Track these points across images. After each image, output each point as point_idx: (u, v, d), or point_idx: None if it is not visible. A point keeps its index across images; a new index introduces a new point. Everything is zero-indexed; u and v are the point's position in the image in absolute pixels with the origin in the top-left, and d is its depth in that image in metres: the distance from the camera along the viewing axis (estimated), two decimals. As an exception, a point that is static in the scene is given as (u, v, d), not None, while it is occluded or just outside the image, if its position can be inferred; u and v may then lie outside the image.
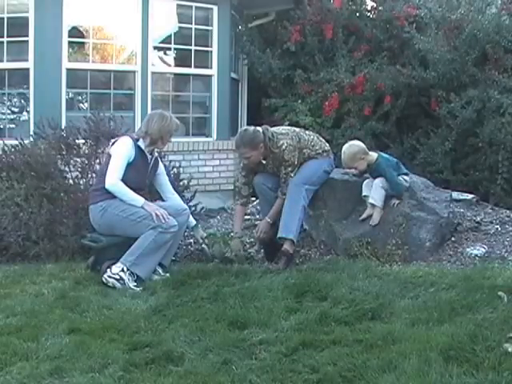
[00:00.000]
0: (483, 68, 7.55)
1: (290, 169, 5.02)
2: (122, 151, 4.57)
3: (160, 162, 4.97)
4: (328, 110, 8.06)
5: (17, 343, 3.25)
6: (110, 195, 4.51)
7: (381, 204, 5.04)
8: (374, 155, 5.12)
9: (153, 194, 4.97)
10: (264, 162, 5.11)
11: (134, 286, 4.33)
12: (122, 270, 4.34)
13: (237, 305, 3.79)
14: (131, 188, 4.54)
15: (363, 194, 5.12)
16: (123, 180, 4.51)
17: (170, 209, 4.62)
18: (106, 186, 4.49)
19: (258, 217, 6.15)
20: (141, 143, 4.66)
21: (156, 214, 4.44)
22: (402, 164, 5.30)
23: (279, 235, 4.93)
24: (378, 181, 5.04)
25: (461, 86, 7.63)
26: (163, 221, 4.45)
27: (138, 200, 4.52)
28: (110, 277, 4.33)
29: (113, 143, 4.70)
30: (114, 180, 4.49)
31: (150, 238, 4.43)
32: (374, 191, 5.03)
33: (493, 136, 7.22)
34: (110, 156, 4.61)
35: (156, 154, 4.86)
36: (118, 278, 4.32)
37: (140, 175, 4.68)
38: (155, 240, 4.44)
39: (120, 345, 3.26)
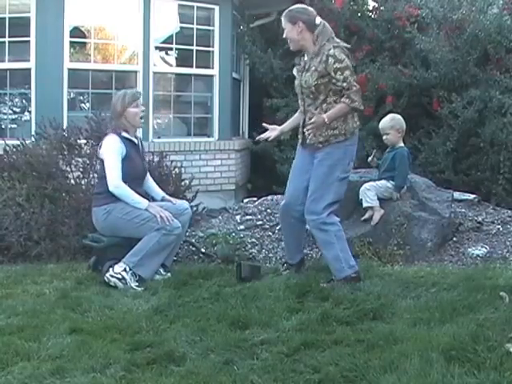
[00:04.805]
0: (485, 68, 7.54)
1: (347, 72, 4.28)
2: (111, 150, 4.54)
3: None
4: (329, 110, 8.04)
5: (18, 343, 3.24)
6: (114, 198, 4.50)
7: (376, 203, 5.06)
8: (402, 143, 5.27)
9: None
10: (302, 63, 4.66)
11: (136, 285, 4.32)
12: (125, 270, 4.34)
13: (238, 305, 3.79)
14: (134, 179, 4.56)
15: (360, 197, 5.14)
16: (124, 175, 4.50)
17: (172, 209, 4.62)
18: (110, 189, 4.47)
19: (259, 217, 6.13)
20: (125, 134, 4.62)
21: (160, 217, 4.44)
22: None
23: (336, 278, 4.21)
24: (365, 186, 5.11)
25: (462, 86, 7.62)
26: (167, 223, 4.45)
27: (142, 202, 4.51)
28: (112, 276, 4.33)
29: (100, 146, 4.68)
30: (116, 182, 4.48)
31: (153, 239, 4.43)
32: (363, 195, 5.09)
33: (494, 136, 7.21)
34: (102, 160, 4.61)
35: (139, 135, 4.80)
36: (121, 277, 4.32)
37: (137, 164, 4.68)
38: (159, 242, 4.44)
39: (121, 345, 3.25)
